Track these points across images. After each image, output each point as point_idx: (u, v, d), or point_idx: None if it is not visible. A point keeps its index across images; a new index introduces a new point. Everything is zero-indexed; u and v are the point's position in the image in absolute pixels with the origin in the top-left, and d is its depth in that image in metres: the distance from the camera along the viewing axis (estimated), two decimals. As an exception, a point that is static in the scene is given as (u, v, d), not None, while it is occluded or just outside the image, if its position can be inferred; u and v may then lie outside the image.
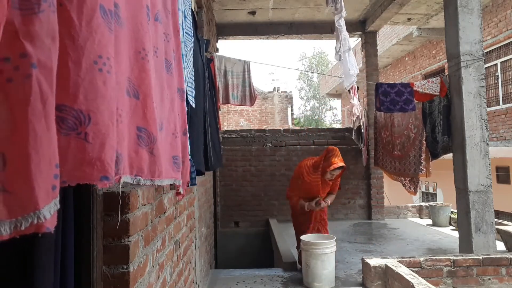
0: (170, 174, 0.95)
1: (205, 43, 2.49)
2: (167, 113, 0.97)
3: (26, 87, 0.48)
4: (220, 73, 4.82)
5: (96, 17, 0.63)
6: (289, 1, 6.40)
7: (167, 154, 0.94)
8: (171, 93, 1.01)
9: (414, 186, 5.28)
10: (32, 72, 0.49)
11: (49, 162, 0.51)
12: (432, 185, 12.79)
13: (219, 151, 2.95)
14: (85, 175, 0.61)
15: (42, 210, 0.49)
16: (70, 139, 0.59)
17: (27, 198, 0.48)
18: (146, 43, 0.81)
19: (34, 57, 0.49)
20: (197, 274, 3.01)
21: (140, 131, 0.79)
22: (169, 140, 0.97)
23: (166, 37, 1.00)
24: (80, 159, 0.60)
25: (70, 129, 0.59)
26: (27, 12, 0.49)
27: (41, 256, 0.85)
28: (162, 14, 0.99)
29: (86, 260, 1.14)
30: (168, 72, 1.00)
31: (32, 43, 0.49)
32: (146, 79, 0.81)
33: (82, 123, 0.60)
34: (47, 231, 0.50)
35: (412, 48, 12.53)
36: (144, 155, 0.80)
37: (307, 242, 3.70)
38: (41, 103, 0.50)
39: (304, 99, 34.12)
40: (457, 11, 4.14)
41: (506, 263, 3.41)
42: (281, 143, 7.50)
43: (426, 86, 4.80)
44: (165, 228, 1.88)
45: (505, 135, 8.45)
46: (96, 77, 0.63)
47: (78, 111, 0.59)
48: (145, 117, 0.80)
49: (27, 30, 0.49)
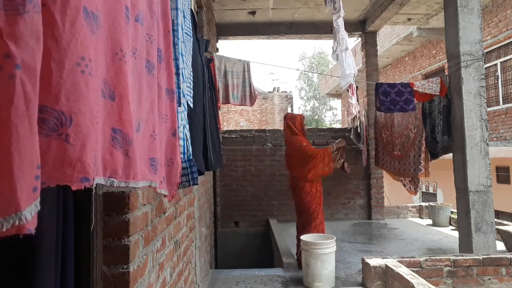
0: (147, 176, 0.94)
1: (205, 43, 2.49)
2: (146, 115, 0.97)
3: (9, 88, 0.48)
4: (220, 73, 4.82)
5: (80, 18, 0.63)
6: (289, 1, 6.40)
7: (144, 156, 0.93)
8: (152, 94, 1.01)
9: (415, 186, 5.27)
10: (16, 73, 0.48)
11: (31, 163, 0.50)
12: (432, 185, 12.79)
13: (219, 151, 2.95)
14: (65, 176, 0.60)
15: (23, 211, 0.49)
16: (51, 140, 0.58)
17: (9, 199, 0.47)
18: (123, 44, 0.81)
19: (18, 57, 0.49)
20: (197, 274, 3.01)
21: (115, 133, 0.79)
22: (147, 142, 0.97)
23: (150, 38, 1.00)
24: (60, 160, 0.60)
25: (51, 130, 0.58)
26: (12, 13, 0.49)
27: (41, 256, 0.85)
28: (146, 15, 0.99)
29: (86, 260, 1.14)
30: (150, 73, 0.99)
31: (16, 43, 0.49)
32: (123, 81, 0.81)
33: (64, 124, 0.60)
34: (28, 233, 0.50)
35: (412, 48, 12.53)
36: (119, 156, 0.80)
37: (307, 242, 3.70)
38: (25, 104, 0.49)
39: (304, 99, 34.12)
40: (457, 11, 4.14)
41: (506, 263, 3.41)
42: (281, 143, 7.50)
43: (426, 86, 4.79)
44: (165, 228, 1.88)
45: (505, 135, 8.45)
46: (79, 78, 0.63)
47: (59, 112, 0.59)
48: (120, 119, 0.80)
49: (11, 30, 0.48)
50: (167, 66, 1.13)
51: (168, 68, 1.14)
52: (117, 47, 0.79)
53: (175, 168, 1.14)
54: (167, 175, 1.11)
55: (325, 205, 7.42)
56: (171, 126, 1.14)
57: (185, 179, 1.59)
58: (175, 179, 1.13)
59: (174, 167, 1.14)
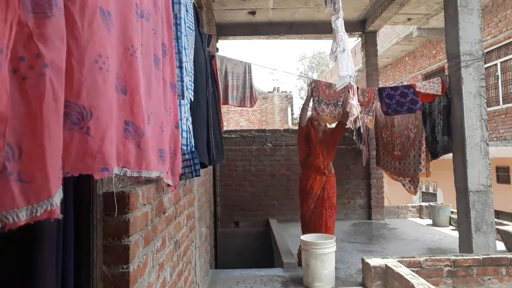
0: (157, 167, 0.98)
1: (207, 37, 2.49)
2: (155, 108, 1.00)
3: (40, 85, 0.52)
4: (221, 73, 4.81)
5: (97, 18, 0.67)
6: (289, 1, 6.40)
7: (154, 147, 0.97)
8: (160, 88, 1.03)
9: (414, 186, 5.28)
10: (45, 72, 0.52)
11: (58, 154, 0.55)
12: (432, 185, 12.79)
13: (221, 145, 2.94)
14: (87, 166, 0.64)
15: (54, 197, 0.53)
16: (73, 133, 0.62)
17: (42, 186, 0.52)
18: (134, 40, 0.84)
19: (47, 57, 0.53)
20: (197, 274, 3.01)
21: (127, 125, 0.82)
22: (157, 134, 1.00)
23: (155, 33, 1.02)
24: (82, 151, 0.64)
25: (74, 124, 0.62)
26: (40, 16, 0.53)
27: (42, 256, 0.85)
28: (151, 10, 1.01)
29: (86, 260, 1.14)
30: (157, 67, 1.02)
31: (45, 44, 0.53)
32: (134, 75, 0.84)
33: (85, 118, 0.64)
34: (57, 217, 0.55)
35: (412, 48, 12.53)
36: (131, 148, 0.84)
37: (307, 242, 3.70)
38: (54, 100, 0.54)
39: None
40: (457, 11, 4.14)
41: (506, 263, 3.41)
42: (281, 143, 7.50)
43: (427, 87, 4.79)
44: (165, 228, 1.88)
45: (505, 135, 8.45)
46: (97, 75, 0.66)
47: (81, 107, 0.63)
48: (132, 112, 0.84)
49: (40, 32, 0.52)
50: (170, 60, 1.15)
51: (171, 62, 1.16)
52: (129, 43, 0.83)
53: (178, 159, 1.17)
54: (171, 166, 1.13)
55: (325, 205, 7.46)
56: (174, 119, 1.17)
57: (188, 170, 1.60)
58: (177, 170, 1.16)
59: (177, 158, 1.17)
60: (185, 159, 1.59)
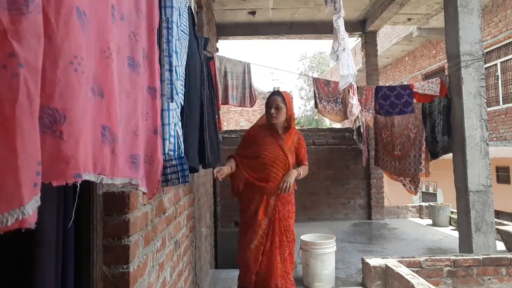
0: (126, 173, 0.95)
1: (204, 41, 2.49)
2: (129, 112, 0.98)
3: (13, 86, 0.49)
4: (221, 73, 4.81)
5: (73, 18, 0.64)
6: (289, 1, 6.40)
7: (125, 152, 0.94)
8: (135, 92, 1.01)
9: (415, 186, 5.28)
10: (20, 71, 0.50)
11: (33, 159, 0.52)
12: (432, 185, 12.79)
13: (217, 149, 2.93)
14: (60, 172, 0.61)
15: (26, 206, 0.50)
16: (45, 136, 0.59)
17: (12, 194, 0.49)
18: (110, 42, 0.82)
19: (22, 56, 0.50)
20: (197, 274, 3.01)
21: (104, 130, 0.80)
22: (129, 139, 0.98)
23: (135, 36, 1.01)
24: (55, 156, 0.61)
25: (46, 127, 0.60)
26: (16, 12, 0.50)
27: (42, 256, 0.85)
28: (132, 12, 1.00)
29: (86, 260, 1.14)
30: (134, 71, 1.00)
31: (19, 43, 0.50)
32: (110, 78, 0.82)
33: (58, 122, 0.61)
34: (30, 227, 0.51)
35: (412, 48, 12.53)
36: (107, 153, 0.81)
37: (307, 242, 3.70)
38: (28, 101, 0.51)
39: (304, 99, 34.11)
40: (457, 11, 4.14)
41: (506, 263, 3.41)
42: (281, 143, 7.49)
43: (426, 87, 4.80)
44: (165, 228, 1.88)
45: (505, 135, 8.45)
46: (72, 77, 0.64)
47: (53, 109, 0.60)
48: (109, 116, 0.81)
49: (15, 30, 0.50)
50: (149, 64, 1.13)
51: (151, 66, 1.14)
52: (105, 45, 0.80)
53: (155, 165, 1.14)
54: (147, 173, 1.11)
55: (325, 205, 7.47)
56: (152, 124, 1.14)
57: (175, 176, 1.58)
58: (155, 177, 1.13)
59: (155, 165, 1.14)
60: (172, 165, 1.57)
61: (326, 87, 5.47)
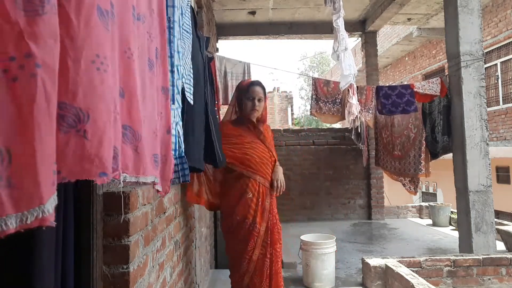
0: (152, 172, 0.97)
1: (206, 40, 2.49)
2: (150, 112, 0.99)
3: (31, 86, 0.50)
4: (221, 73, 4.81)
5: (94, 17, 0.64)
6: (289, 1, 6.40)
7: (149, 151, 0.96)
8: (153, 92, 1.03)
9: (415, 186, 5.28)
10: (37, 72, 0.50)
11: (51, 158, 0.53)
12: (432, 185, 12.79)
13: None
14: (84, 171, 0.62)
15: (46, 204, 0.51)
16: (70, 136, 0.60)
17: (33, 193, 0.49)
18: (131, 43, 0.83)
19: (39, 57, 0.50)
20: (197, 274, 3.01)
21: (125, 129, 0.80)
22: (150, 138, 0.99)
23: (150, 36, 1.02)
24: (79, 155, 0.61)
25: (70, 126, 0.60)
26: (32, 14, 0.50)
27: (41, 256, 0.85)
28: (146, 13, 1.00)
29: (86, 260, 1.14)
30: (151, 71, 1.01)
31: (36, 43, 0.50)
32: (131, 78, 0.82)
33: (81, 121, 0.61)
34: (50, 225, 0.52)
35: (412, 48, 12.53)
36: (129, 152, 0.82)
37: (307, 242, 3.70)
38: (46, 102, 0.51)
39: (304, 99, 34.10)
40: (457, 11, 4.14)
41: (506, 263, 3.41)
42: (281, 143, 7.50)
43: (426, 87, 4.80)
44: (165, 228, 1.88)
45: (505, 135, 8.45)
46: (94, 76, 0.64)
47: (77, 109, 0.61)
48: (130, 116, 0.82)
49: (31, 31, 0.50)
50: (162, 64, 1.14)
51: (164, 66, 1.15)
52: (126, 46, 0.81)
53: (168, 164, 1.16)
54: (161, 171, 1.12)
55: (325, 205, 7.47)
56: (165, 124, 1.15)
57: (175, 175, 1.59)
58: (168, 175, 1.15)
59: (168, 163, 1.15)
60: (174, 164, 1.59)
61: (326, 87, 5.47)
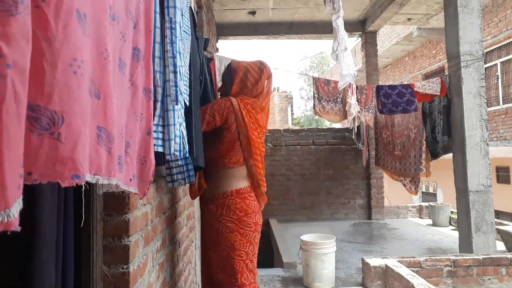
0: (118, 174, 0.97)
1: (205, 41, 2.49)
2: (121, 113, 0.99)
3: (1, 87, 0.48)
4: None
5: (73, 21, 0.64)
6: (289, 1, 6.40)
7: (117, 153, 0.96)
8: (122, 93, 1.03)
9: (415, 186, 5.28)
10: (7, 73, 0.49)
11: (18, 162, 0.51)
12: (432, 185, 12.79)
13: None
14: (57, 173, 0.61)
15: (11, 208, 0.49)
16: (43, 138, 0.59)
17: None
18: (108, 44, 0.83)
19: (10, 58, 0.49)
20: (197, 274, 3.01)
21: (100, 131, 0.80)
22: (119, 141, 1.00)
23: (123, 36, 1.02)
24: (52, 158, 0.61)
25: (44, 129, 0.59)
26: (4, 14, 0.49)
27: (41, 256, 0.85)
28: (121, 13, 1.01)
29: (86, 260, 1.14)
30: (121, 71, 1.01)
31: (8, 44, 0.49)
32: (106, 79, 0.82)
33: (56, 124, 0.61)
34: (15, 230, 0.50)
35: (412, 48, 12.53)
36: (103, 154, 0.82)
37: (307, 242, 3.71)
38: (15, 103, 0.50)
39: (304, 99, 34.11)
40: (457, 11, 4.14)
41: (506, 263, 3.41)
42: (281, 143, 7.50)
43: (426, 87, 4.80)
44: (165, 228, 1.88)
45: (505, 135, 8.45)
46: (71, 79, 0.64)
47: (52, 111, 0.60)
48: (105, 117, 0.82)
49: (3, 30, 0.49)
50: (146, 65, 1.14)
51: (147, 67, 1.15)
52: (103, 47, 0.81)
53: (148, 166, 1.16)
54: (140, 173, 1.12)
55: (325, 205, 7.47)
56: (146, 125, 1.15)
57: (181, 176, 1.59)
58: (147, 178, 1.15)
59: (147, 165, 1.15)
60: (178, 165, 1.59)
61: (326, 87, 5.47)
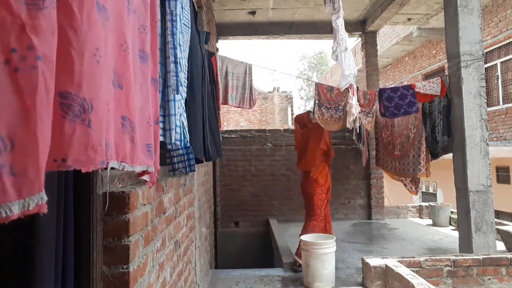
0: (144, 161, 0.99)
1: (205, 35, 2.50)
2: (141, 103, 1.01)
3: (33, 77, 0.52)
4: (222, 73, 4.81)
5: (94, 11, 0.67)
6: (289, 1, 6.40)
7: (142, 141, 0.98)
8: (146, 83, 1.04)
9: (416, 186, 5.27)
10: (38, 64, 0.52)
11: (47, 147, 0.55)
12: (432, 185, 12.79)
13: (219, 142, 2.94)
14: (89, 159, 0.65)
15: (44, 192, 0.53)
16: (75, 125, 0.62)
17: (34, 181, 0.51)
18: (127, 36, 0.86)
19: (40, 50, 0.52)
20: (197, 274, 3.01)
21: (124, 120, 0.84)
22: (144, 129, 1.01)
23: (144, 29, 1.04)
24: (85, 144, 0.64)
25: (76, 116, 0.62)
26: (33, 8, 0.52)
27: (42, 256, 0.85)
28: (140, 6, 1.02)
29: (86, 260, 1.14)
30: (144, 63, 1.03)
31: (37, 36, 0.52)
32: (127, 71, 0.85)
33: (86, 111, 0.64)
34: (44, 212, 0.54)
35: (412, 48, 12.53)
36: (127, 142, 0.85)
37: (307, 242, 3.70)
38: (46, 92, 0.53)
39: (304, 99, 34.12)
40: (457, 11, 4.14)
41: (506, 263, 3.41)
42: (281, 143, 7.50)
43: (427, 87, 4.79)
44: (165, 228, 1.88)
45: (505, 135, 8.45)
46: (95, 68, 0.67)
47: (82, 99, 0.63)
48: (128, 107, 0.85)
49: (33, 24, 0.52)
50: (152, 56, 1.15)
51: (154, 58, 1.16)
52: (122, 39, 0.84)
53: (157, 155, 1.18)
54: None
55: (325, 205, 7.46)
56: (154, 115, 1.17)
57: (182, 165, 1.60)
58: (156, 166, 1.16)
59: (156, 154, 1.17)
60: (179, 154, 1.60)
61: (329, 93, 5.43)
